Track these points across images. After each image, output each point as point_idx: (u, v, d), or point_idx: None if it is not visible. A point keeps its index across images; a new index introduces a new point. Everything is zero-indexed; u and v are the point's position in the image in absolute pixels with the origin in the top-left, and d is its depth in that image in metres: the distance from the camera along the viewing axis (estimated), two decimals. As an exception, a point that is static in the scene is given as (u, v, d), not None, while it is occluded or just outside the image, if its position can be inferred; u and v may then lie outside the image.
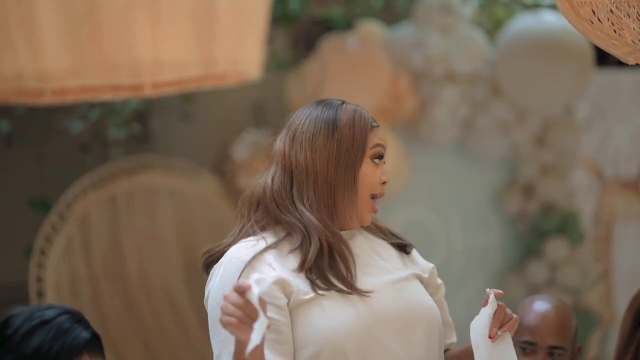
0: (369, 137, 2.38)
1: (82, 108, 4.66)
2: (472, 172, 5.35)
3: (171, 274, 4.71)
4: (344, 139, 2.35)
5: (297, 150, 2.37)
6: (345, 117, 2.38)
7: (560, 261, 5.34)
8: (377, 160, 2.38)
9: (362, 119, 2.39)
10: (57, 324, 2.16)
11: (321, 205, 2.32)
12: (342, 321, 2.21)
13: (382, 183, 2.38)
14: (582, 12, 2.32)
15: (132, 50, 1.86)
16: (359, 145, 2.36)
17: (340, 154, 2.34)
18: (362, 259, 2.34)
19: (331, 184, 2.33)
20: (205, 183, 4.81)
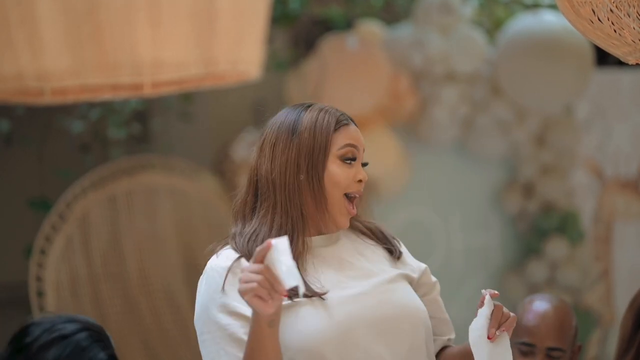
0: (333, 138, 2.30)
1: (82, 108, 4.66)
2: (472, 172, 5.36)
3: (171, 273, 4.71)
4: (303, 143, 2.30)
5: (261, 162, 2.33)
6: (306, 120, 2.34)
7: (560, 261, 5.34)
8: (349, 161, 2.31)
9: (325, 120, 2.32)
10: (76, 341, 2.12)
11: (282, 214, 2.26)
12: (318, 327, 2.18)
13: (357, 181, 2.31)
14: (582, 11, 2.32)
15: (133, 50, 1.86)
16: (320, 148, 2.29)
17: (300, 158, 2.28)
18: (344, 262, 2.30)
19: (292, 191, 2.27)
20: (205, 183, 4.82)
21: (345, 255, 2.32)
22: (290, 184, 2.27)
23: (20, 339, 2.13)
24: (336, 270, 2.28)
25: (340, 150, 2.31)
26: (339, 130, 2.32)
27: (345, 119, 2.35)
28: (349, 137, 2.33)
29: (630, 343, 2.73)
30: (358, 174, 2.31)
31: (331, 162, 2.30)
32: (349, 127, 2.34)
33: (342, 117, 2.35)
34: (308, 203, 2.28)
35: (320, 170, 2.28)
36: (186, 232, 4.76)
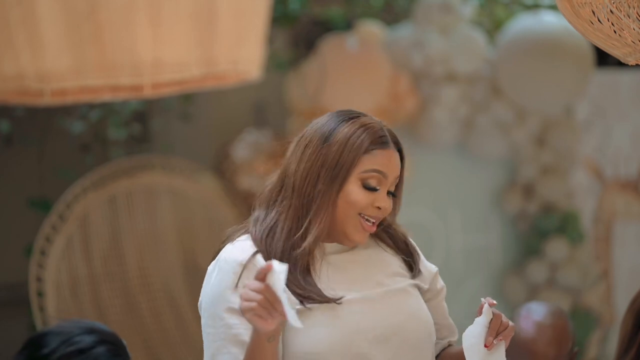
0: (362, 160, 2.23)
1: (82, 108, 4.66)
2: (472, 172, 5.35)
3: (171, 273, 4.71)
4: (330, 155, 2.23)
5: (291, 159, 2.28)
6: (342, 132, 2.25)
7: (560, 261, 5.34)
8: (370, 189, 2.23)
9: (360, 138, 2.23)
10: (94, 356, 2.08)
11: (294, 218, 2.23)
12: (325, 334, 2.17)
13: (375, 207, 2.25)
14: (582, 12, 2.32)
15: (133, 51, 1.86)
16: (344, 166, 2.22)
17: (322, 169, 2.23)
18: (356, 270, 2.28)
19: (306, 199, 2.23)
20: (205, 183, 4.82)
21: (358, 262, 2.29)
22: (307, 192, 2.23)
23: (37, 348, 2.10)
24: (347, 277, 2.26)
25: (363, 174, 2.24)
26: (372, 152, 2.24)
27: (383, 142, 2.26)
28: (378, 163, 2.24)
29: (630, 343, 2.73)
30: (377, 201, 2.25)
31: (351, 183, 2.23)
32: (384, 152, 2.26)
33: (380, 140, 2.26)
34: (320, 215, 2.23)
35: (337, 187, 2.22)
36: (186, 232, 4.76)
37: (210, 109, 5.11)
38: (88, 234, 4.57)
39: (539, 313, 2.74)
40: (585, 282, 5.42)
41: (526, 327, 2.69)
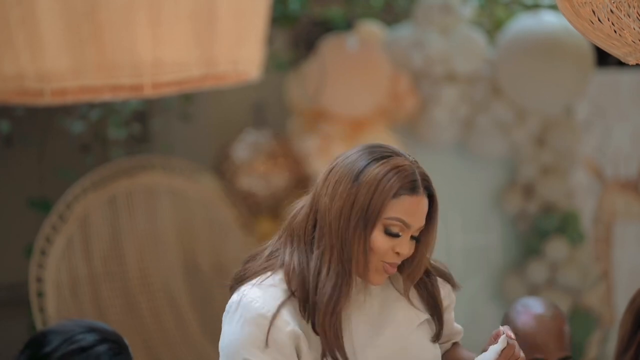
0: (389, 204, 2.19)
1: (82, 108, 4.66)
2: (472, 172, 5.35)
3: (171, 273, 4.71)
4: (360, 197, 2.18)
5: (324, 191, 2.22)
6: (373, 173, 2.19)
7: (560, 261, 5.34)
8: (391, 235, 2.20)
9: (389, 183, 2.18)
10: (96, 354, 2.08)
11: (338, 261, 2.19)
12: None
13: (395, 252, 2.22)
14: (582, 12, 2.32)
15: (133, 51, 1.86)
16: (372, 211, 2.18)
17: (353, 211, 2.18)
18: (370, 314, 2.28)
19: (345, 240, 2.18)
20: (205, 183, 4.82)
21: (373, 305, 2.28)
22: (343, 233, 2.19)
23: (39, 347, 2.10)
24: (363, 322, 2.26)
25: (387, 221, 2.20)
26: (399, 198, 2.20)
27: (412, 188, 2.22)
28: (403, 211, 2.21)
29: (629, 343, 2.73)
30: (397, 247, 2.22)
31: (377, 228, 2.20)
32: (412, 198, 2.22)
33: (410, 185, 2.22)
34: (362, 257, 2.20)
35: (369, 231, 2.19)
36: (186, 232, 4.76)
37: (210, 109, 5.11)
38: (88, 234, 4.57)
39: (537, 307, 2.74)
40: (585, 282, 5.42)
41: (526, 320, 2.70)
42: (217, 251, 4.78)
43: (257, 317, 2.17)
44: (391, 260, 2.22)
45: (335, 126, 4.91)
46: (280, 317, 2.17)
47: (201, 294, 4.75)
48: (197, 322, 4.70)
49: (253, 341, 2.16)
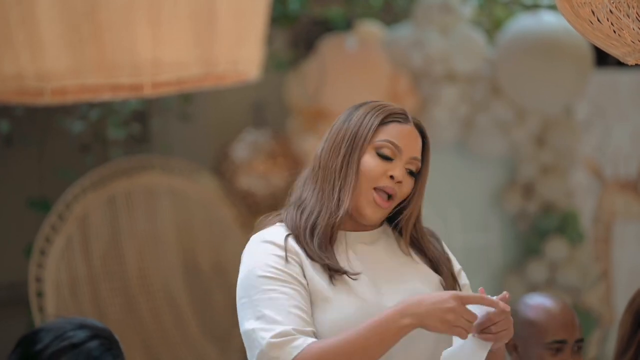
0: (379, 130, 2.28)
1: (82, 108, 4.66)
2: (472, 172, 5.35)
3: (171, 273, 4.71)
4: (350, 128, 2.29)
5: (320, 145, 2.35)
6: (362, 110, 2.32)
7: (560, 261, 5.34)
8: (384, 158, 2.28)
9: (378, 112, 2.30)
10: (87, 350, 2.09)
11: (323, 189, 2.29)
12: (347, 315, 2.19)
13: (388, 176, 2.27)
14: (581, 12, 2.32)
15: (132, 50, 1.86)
16: (362, 135, 2.27)
17: (343, 142, 2.28)
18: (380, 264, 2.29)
19: (329, 171, 2.28)
20: (204, 183, 4.82)
21: (382, 258, 2.30)
22: (330, 164, 2.29)
23: (30, 344, 2.10)
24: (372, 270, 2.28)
25: (377, 143, 2.28)
26: (389, 124, 2.30)
27: (401, 117, 2.31)
28: (392, 135, 2.30)
29: (629, 343, 2.73)
30: (390, 170, 2.28)
31: (368, 152, 2.28)
32: (401, 125, 2.31)
33: (398, 116, 2.31)
34: (348, 182, 2.27)
35: (356, 157, 2.27)
36: (186, 232, 4.76)
37: (209, 109, 5.10)
38: (87, 234, 4.57)
39: (546, 299, 2.75)
40: (585, 282, 5.42)
41: (538, 312, 2.70)
42: (217, 251, 4.78)
43: (267, 242, 2.25)
44: (385, 183, 2.27)
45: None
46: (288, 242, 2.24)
47: (201, 294, 4.75)
48: (197, 322, 4.70)
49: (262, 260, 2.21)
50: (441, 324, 2.12)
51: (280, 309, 2.16)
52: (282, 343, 2.12)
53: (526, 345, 2.67)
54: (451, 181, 5.29)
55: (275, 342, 2.12)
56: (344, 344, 2.12)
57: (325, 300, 2.20)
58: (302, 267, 2.22)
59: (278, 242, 2.25)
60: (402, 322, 2.12)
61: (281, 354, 2.11)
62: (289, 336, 2.12)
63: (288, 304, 2.17)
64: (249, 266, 2.24)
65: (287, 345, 2.11)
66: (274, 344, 2.12)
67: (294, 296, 2.18)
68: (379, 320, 2.13)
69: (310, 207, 2.28)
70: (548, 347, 2.66)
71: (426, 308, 2.13)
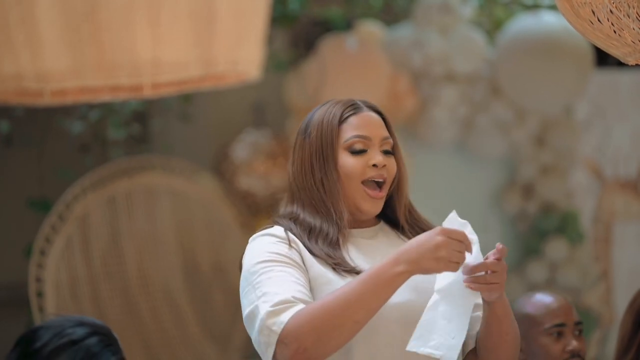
0: (340, 131, 2.28)
1: (82, 108, 4.66)
2: (472, 172, 5.35)
3: (171, 274, 4.71)
4: (313, 142, 2.28)
5: (289, 167, 2.35)
6: (316, 117, 2.30)
7: (560, 261, 5.34)
8: (357, 153, 2.28)
9: (332, 114, 2.29)
10: (86, 347, 2.08)
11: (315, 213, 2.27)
12: None
13: (371, 166, 2.27)
14: (581, 12, 2.31)
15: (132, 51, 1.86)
16: (327, 144, 2.27)
17: (312, 158, 2.28)
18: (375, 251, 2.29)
19: (312, 191, 2.27)
20: (204, 183, 4.81)
21: (385, 250, 2.29)
22: (309, 183, 2.28)
23: (29, 343, 2.10)
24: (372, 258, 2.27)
25: (347, 143, 2.28)
26: (346, 121, 2.30)
27: (354, 108, 2.31)
28: (355, 128, 2.29)
29: (630, 343, 2.74)
30: (370, 160, 2.27)
31: (341, 155, 2.28)
32: (358, 116, 2.31)
33: (351, 107, 2.31)
34: (335, 197, 2.26)
35: (331, 165, 2.27)
36: (186, 232, 4.76)
37: (209, 110, 5.10)
38: (87, 234, 4.57)
39: (543, 295, 2.76)
40: (584, 282, 5.42)
41: (535, 305, 2.71)
42: (217, 251, 4.78)
43: (267, 235, 2.25)
44: (371, 174, 2.27)
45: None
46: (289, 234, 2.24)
47: (200, 294, 4.75)
48: (197, 322, 4.70)
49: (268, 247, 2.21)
50: (436, 263, 2.10)
51: (280, 283, 2.15)
52: (280, 310, 2.10)
53: (528, 340, 2.67)
54: (451, 181, 5.29)
55: (274, 309, 2.10)
56: (338, 299, 2.09)
57: (328, 282, 2.19)
58: (301, 255, 2.22)
59: (278, 234, 2.24)
60: (396, 270, 2.10)
61: (277, 320, 2.09)
62: (288, 303, 2.11)
63: (288, 279, 2.16)
64: (249, 259, 2.23)
65: (284, 312, 2.10)
66: (272, 312, 2.10)
67: (293, 273, 2.17)
68: (372, 272, 2.11)
69: (308, 222, 2.27)
70: (548, 333, 2.67)
71: (417, 251, 2.11)
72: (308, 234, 2.25)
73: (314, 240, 2.24)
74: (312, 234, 2.25)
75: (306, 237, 2.25)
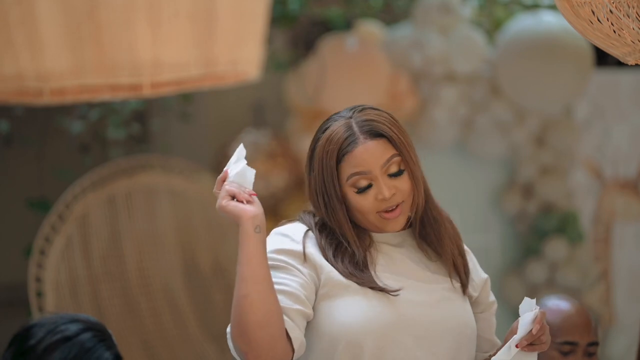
0: (340, 172, 2.26)
1: (82, 108, 4.66)
2: (471, 172, 5.35)
3: (170, 273, 4.71)
4: (318, 184, 2.28)
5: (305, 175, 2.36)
6: (316, 155, 2.29)
7: (559, 261, 5.34)
8: (361, 191, 2.26)
9: (329, 154, 2.26)
10: (80, 342, 2.09)
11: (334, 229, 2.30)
12: (364, 317, 2.19)
13: (380, 200, 2.25)
14: (581, 12, 2.32)
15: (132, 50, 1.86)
16: (331, 186, 2.26)
17: (320, 198, 2.28)
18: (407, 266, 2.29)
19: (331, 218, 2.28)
20: (204, 183, 4.82)
21: (410, 259, 2.30)
22: (327, 216, 2.28)
23: (24, 340, 2.11)
24: (398, 271, 2.28)
25: (349, 182, 2.26)
26: (343, 159, 2.26)
27: (349, 143, 2.26)
28: (353, 166, 2.26)
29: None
30: (378, 194, 2.25)
31: (348, 192, 2.27)
32: (354, 152, 2.26)
33: (346, 143, 2.26)
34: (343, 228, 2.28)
35: (341, 203, 2.26)
36: (185, 232, 4.76)
37: (209, 109, 5.11)
38: (87, 234, 4.57)
39: (566, 302, 2.76)
40: (584, 282, 5.42)
41: (553, 314, 2.70)
42: (217, 251, 4.78)
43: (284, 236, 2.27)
44: (382, 207, 2.26)
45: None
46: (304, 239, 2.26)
47: (200, 294, 4.75)
48: (197, 322, 4.70)
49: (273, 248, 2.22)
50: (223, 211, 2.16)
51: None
52: None
53: None
54: (451, 182, 5.29)
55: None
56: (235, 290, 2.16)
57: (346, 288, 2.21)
58: (316, 267, 2.23)
59: (296, 238, 2.26)
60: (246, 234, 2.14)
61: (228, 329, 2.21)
62: None
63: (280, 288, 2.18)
64: None
65: None
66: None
67: (285, 283, 2.19)
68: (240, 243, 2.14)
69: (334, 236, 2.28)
70: (559, 347, 2.66)
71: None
72: (334, 250, 2.25)
73: (340, 259, 2.24)
74: (337, 251, 2.25)
75: (331, 253, 2.24)
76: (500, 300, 2.32)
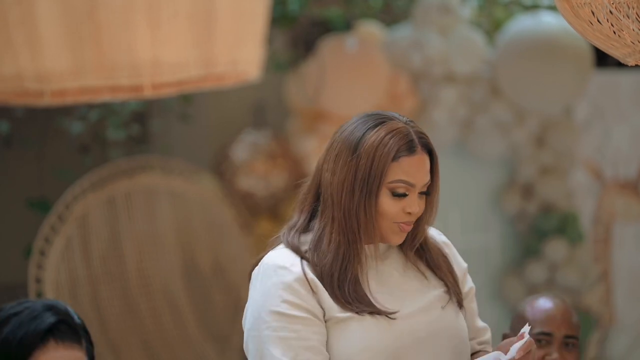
0: (390, 169, 2.23)
1: (82, 109, 4.66)
2: (471, 173, 5.36)
3: (170, 274, 4.71)
4: (361, 167, 2.22)
5: (325, 167, 2.28)
6: (370, 141, 2.23)
7: (559, 262, 5.34)
8: (398, 196, 2.25)
9: (387, 147, 2.22)
10: (28, 312, 2.04)
11: (340, 231, 2.24)
12: (370, 342, 2.19)
13: (406, 213, 2.26)
14: (581, 13, 2.31)
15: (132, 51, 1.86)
16: (375, 177, 2.22)
17: (356, 182, 2.22)
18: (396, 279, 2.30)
19: (348, 211, 2.23)
20: (204, 184, 4.82)
21: (397, 271, 2.31)
22: (346, 204, 2.23)
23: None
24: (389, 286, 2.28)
25: (391, 184, 2.24)
26: (399, 160, 2.25)
27: (410, 148, 2.26)
28: (404, 172, 2.25)
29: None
30: (408, 207, 2.26)
31: (383, 192, 2.24)
32: (412, 158, 2.26)
33: (407, 146, 2.27)
34: (369, 227, 2.24)
35: (373, 198, 2.23)
36: (185, 233, 4.76)
37: (209, 110, 5.11)
38: (87, 235, 4.57)
39: (549, 298, 2.76)
40: (584, 282, 5.42)
41: (534, 308, 2.71)
42: (216, 252, 4.78)
43: (282, 269, 2.22)
44: (404, 219, 2.26)
45: (334, 127, 4.91)
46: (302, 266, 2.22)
47: (200, 295, 4.75)
48: (196, 322, 4.70)
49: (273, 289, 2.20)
50: None
51: (288, 349, 2.16)
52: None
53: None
54: (451, 182, 5.29)
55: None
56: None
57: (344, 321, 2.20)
58: (317, 296, 2.22)
59: (294, 270, 2.22)
60: None
61: None
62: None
63: (297, 344, 2.17)
64: (261, 296, 2.22)
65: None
66: None
67: (305, 336, 2.18)
68: None
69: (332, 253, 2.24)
70: (535, 338, 2.67)
71: None
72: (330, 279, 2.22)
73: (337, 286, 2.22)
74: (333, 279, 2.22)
75: (328, 282, 2.22)
76: (499, 300, 2.33)
